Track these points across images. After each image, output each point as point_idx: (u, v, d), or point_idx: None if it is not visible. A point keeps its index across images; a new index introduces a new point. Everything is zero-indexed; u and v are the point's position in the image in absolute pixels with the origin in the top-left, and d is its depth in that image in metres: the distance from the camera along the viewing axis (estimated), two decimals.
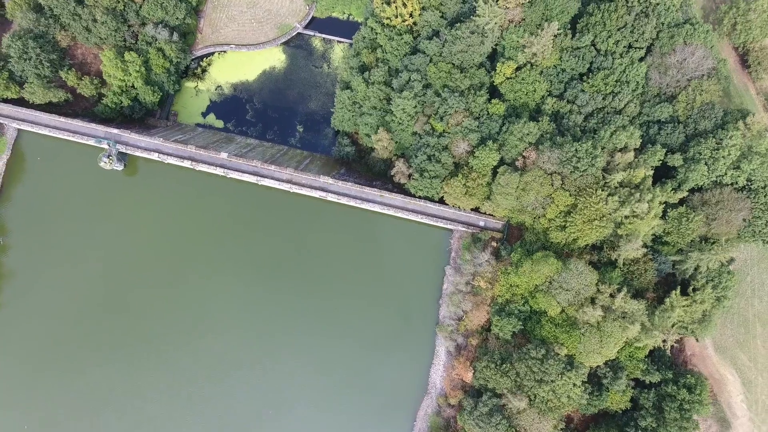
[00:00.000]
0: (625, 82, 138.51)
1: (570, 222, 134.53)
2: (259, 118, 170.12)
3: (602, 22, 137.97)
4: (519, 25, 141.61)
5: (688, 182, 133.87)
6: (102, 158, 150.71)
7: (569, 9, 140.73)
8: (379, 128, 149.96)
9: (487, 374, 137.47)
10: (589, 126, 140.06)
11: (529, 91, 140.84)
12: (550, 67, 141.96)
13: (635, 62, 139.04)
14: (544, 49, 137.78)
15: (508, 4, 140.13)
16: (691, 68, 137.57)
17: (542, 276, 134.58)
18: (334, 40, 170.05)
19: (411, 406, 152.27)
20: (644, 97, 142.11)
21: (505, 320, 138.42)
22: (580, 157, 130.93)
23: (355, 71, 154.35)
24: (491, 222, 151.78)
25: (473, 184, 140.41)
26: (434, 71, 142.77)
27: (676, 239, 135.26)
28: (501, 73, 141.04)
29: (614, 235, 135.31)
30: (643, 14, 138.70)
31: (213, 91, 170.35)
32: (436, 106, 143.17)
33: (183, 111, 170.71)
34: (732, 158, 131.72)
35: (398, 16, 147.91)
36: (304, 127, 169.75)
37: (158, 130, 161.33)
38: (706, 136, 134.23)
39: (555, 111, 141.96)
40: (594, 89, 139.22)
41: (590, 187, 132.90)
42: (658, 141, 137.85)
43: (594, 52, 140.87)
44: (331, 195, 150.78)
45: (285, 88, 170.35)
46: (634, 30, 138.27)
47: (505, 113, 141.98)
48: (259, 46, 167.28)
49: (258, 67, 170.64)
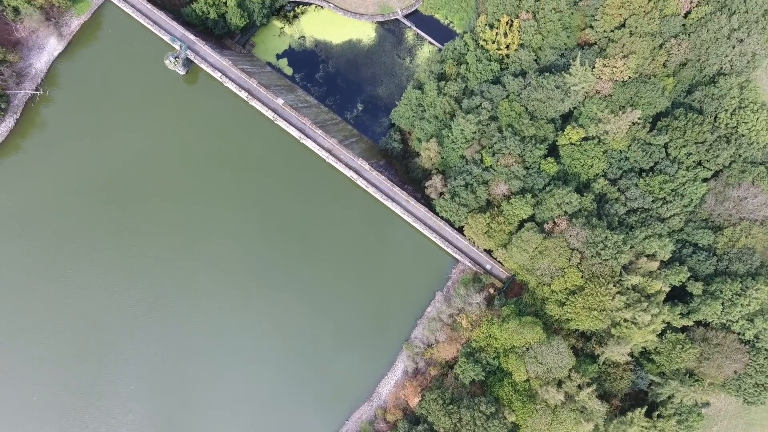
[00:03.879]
0: (681, 195, 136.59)
1: (571, 302, 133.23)
2: (327, 81, 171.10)
3: (683, 130, 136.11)
4: (604, 99, 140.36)
5: (698, 314, 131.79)
6: (169, 57, 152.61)
7: (657, 104, 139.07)
8: (432, 138, 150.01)
9: (432, 407, 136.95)
10: (628, 221, 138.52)
11: (586, 164, 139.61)
12: (615, 150, 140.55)
13: (698, 180, 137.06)
14: (618, 131, 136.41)
15: (603, 75, 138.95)
16: (748, 209, 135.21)
17: (523, 340, 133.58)
18: (426, 40, 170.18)
19: (349, 406, 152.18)
20: (692, 216, 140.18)
21: (470, 365, 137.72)
22: (607, 246, 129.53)
23: (433, 76, 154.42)
24: (497, 269, 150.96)
25: (496, 227, 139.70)
26: (506, 108, 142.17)
27: (663, 361, 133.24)
28: (567, 136, 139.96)
29: (607, 332, 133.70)
30: (725, 139, 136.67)
31: (296, 38, 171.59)
32: (494, 141, 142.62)
33: (260, 45, 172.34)
34: (750, 310, 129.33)
35: (495, 43, 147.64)
36: (364, 107, 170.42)
37: (231, 53, 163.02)
38: (734, 278, 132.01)
39: (602, 193, 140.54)
40: (648, 189, 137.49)
41: (604, 278, 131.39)
42: (687, 263, 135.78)
43: (663, 154, 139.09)
44: (362, 180, 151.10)
45: (362, 64, 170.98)
46: (710, 150, 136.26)
47: (554, 174, 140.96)
48: (356, 15, 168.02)
49: (346, 34, 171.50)
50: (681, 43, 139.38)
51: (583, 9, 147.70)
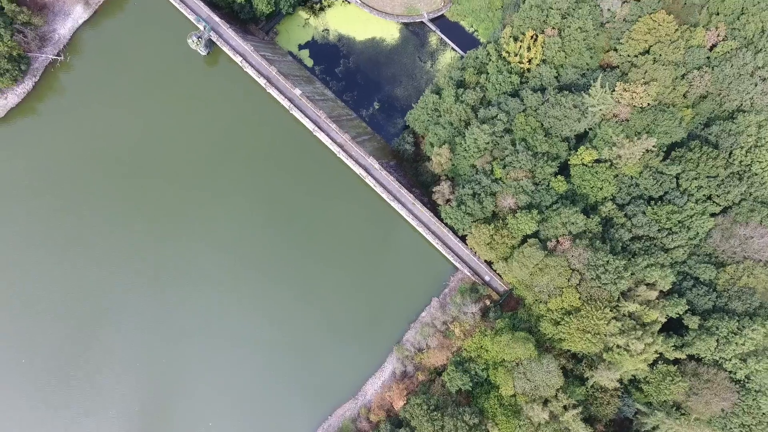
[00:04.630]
0: (687, 227, 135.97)
1: (566, 322, 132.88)
2: (346, 76, 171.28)
3: (697, 163, 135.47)
4: (620, 123, 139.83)
5: (692, 348, 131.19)
6: (192, 36, 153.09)
7: (674, 134, 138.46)
8: (444, 144, 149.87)
9: (416, 412, 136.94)
10: (632, 247, 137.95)
11: (595, 186, 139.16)
12: (626, 175, 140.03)
13: (706, 214, 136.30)
14: (631, 156, 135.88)
15: (622, 99, 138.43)
16: (754, 248, 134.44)
17: (514, 355, 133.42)
18: (449, 45, 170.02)
19: (333, 402, 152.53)
20: (696, 250, 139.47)
21: (458, 374, 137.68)
22: (608, 270, 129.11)
23: (453, 83, 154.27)
24: (496, 282, 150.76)
25: (499, 239, 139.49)
26: (522, 122, 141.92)
27: (651, 391, 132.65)
28: (580, 156, 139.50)
29: (598, 355, 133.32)
30: (737, 176, 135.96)
31: (319, 30, 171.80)
32: (506, 153, 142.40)
33: (284, 34, 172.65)
34: (744, 349, 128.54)
35: (518, 55, 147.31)
36: (381, 106, 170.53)
37: (254, 38, 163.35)
38: (732, 315, 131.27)
39: (609, 217, 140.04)
40: (655, 217, 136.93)
41: (601, 302, 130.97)
42: (687, 296, 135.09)
43: (674, 184, 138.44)
44: (370, 179, 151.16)
45: (383, 63, 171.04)
46: (721, 185, 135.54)
47: (563, 193, 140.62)
48: (382, 14, 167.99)
49: (370, 32, 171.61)
50: (704, 75, 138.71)
51: (609, 31, 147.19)
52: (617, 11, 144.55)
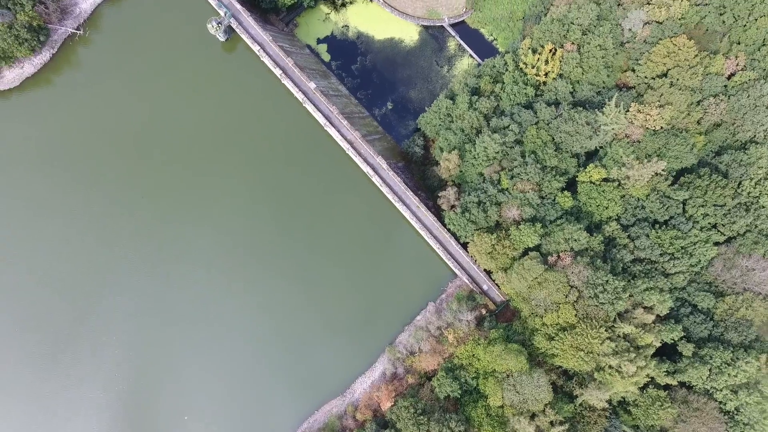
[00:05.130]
0: (690, 254, 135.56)
1: (560, 338, 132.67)
2: (362, 74, 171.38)
3: (705, 190, 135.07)
4: (631, 144, 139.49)
5: (684, 374, 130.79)
6: (212, 21, 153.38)
7: (684, 160, 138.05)
8: (454, 149, 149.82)
9: (403, 414, 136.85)
10: (632, 269, 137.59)
11: (601, 205, 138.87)
12: (633, 197, 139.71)
13: (710, 243, 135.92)
14: (640, 178, 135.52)
15: (636, 120, 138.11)
16: (754, 281, 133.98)
17: (505, 366, 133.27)
18: (467, 52, 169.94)
19: (321, 397, 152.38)
20: (696, 277, 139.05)
21: (448, 380, 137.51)
22: (606, 290, 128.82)
23: (468, 89, 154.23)
24: (493, 291, 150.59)
25: (501, 250, 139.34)
26: (533, 134, 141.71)
27: (640, 415, 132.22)
28: (588, 174, 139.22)
29: (589, 374, 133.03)
30: (744, 207, 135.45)
31: (339, 26, 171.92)
32: (514, 165, 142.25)
33: (303, 27, 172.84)
34: (736, 381, 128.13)
35: (535, 68, 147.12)
36: (394, 106, 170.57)
37: (273, 29, 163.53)
38: (727, 346, 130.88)
39: (612, 237, 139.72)
40: (658, 241, 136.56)
41: (597, 321, 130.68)
42: (683, 322, 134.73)
43: (680, 210, 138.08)
44: (377, 178, 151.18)
45: (400, 63, 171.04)
46: (728, 215, 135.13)
47: (568, 209, 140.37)
48: (403, 15, 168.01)
49: (389, 32, 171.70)
50: (719, 103, 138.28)
51: (629, 51, 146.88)
52: (638, 32, 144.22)
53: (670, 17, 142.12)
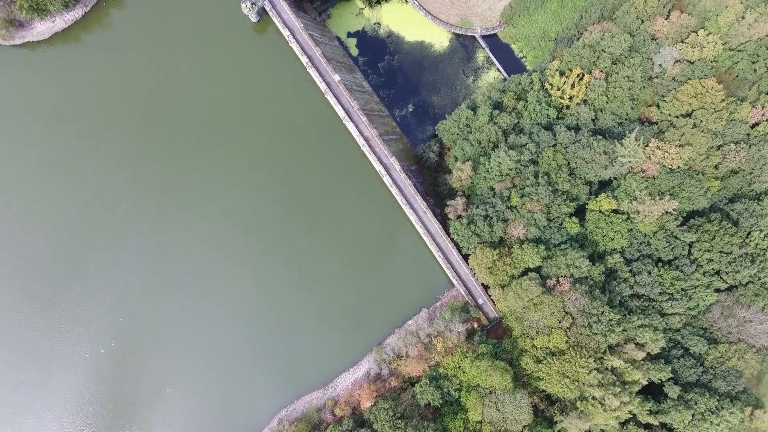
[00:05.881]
0: (689, 297, 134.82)
1: (548, 362, 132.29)
2: (387, 73, 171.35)
3: (713, 235, 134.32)
4: (646, 180, 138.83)
5: (666, 416, 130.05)
6: (247, 1, 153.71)
7: (696, 202, 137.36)
8: (469, 160, 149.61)
9: (381, 416, 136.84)
10: (629, 304, 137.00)
11: (607, 236, 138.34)
12: (640, 232, 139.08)
13: (711, 288, 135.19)
14: (650, 215, 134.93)
15: (653, 156, 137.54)
16: (750, 333, 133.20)
17: (489, 382, 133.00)
18: (494, 65, 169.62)
19: (303, 387, 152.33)
20: (692, 321, 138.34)
21: (431, 388, 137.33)
22: (600, 321, 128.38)
23: (490, 103, 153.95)
24: (488, 306, 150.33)
25: (501, 266, 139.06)
26: (549, 156, 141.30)
27: None
28: (599, 203, 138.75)
29: (572, 402, 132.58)
30: (750, 257, 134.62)
31: (371, 23, 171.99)
32: (526, 183, 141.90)
33: (336, 18, 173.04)
34: (717, 430, 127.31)
35: (560, 90, 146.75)
36: (415, 110, 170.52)
37: (306, 16, 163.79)
38: (713, 394, 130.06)
39: (614, 269, 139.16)
40: (659, 280, 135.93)
41: (587, 350, 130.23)
42: (673, 364, 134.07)
43: (686, 251, 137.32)
44: (388, 178, 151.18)
45: (426, 68, 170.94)
46: (732, 263, 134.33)
47: (573, 235, 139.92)
48: (436, 20, 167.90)
49: (420, 35, 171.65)
50: (740, 151, 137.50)
51: (656, 86, 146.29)
52: (668, 68, 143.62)
53: (702, 58, 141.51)
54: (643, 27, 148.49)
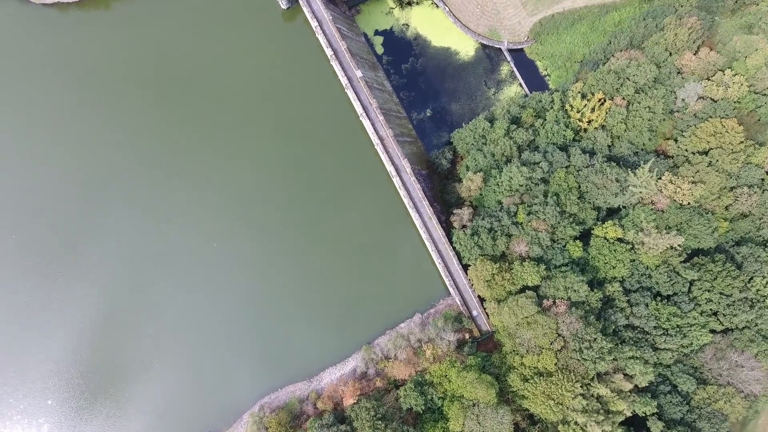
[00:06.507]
0: (683, 334, 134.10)
1: (534, 382, 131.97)
2: (410, 75, 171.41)
3: (715, 276, 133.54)
4: (654, 212, 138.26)
5: None
6: None
7: (702, 241, 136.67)
8: (480, 171, 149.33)
9: (362, 414, 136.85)
10: (623, 334, 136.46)
11: (609, 263, 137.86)
12: (642, 264, 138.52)
13: (706, 329, 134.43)
14: (654, 247, 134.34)
15: (665, 190, 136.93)
16: (740, 378, 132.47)
17: (474, 395, 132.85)
18: (518, 80, 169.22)
19: (288, 376, 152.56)
20: (684, 359, 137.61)
21: (415, 394, 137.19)
22: (592, 347, 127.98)
23: (508, 117, 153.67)
24: (482, 319, 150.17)
25: (500, 281, 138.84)
26: (561, 177, 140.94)
27: None
28: (604, 229, 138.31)
29: (554, 425, 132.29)
30: (750, 303, 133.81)
31: (400, 23, 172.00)
32: (535, 201, 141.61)
33: (365, 15, 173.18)
34: None
35: (579, 113, 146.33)
36: (432, 115, 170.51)
37: (336, 9, 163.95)
38: None
39: (611, 297, 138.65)
40: (655, 314, 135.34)
41: (575, 374, 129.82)
42: (659, 399, 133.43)
43: (686, 288, 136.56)
44: (398, 179, 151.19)
45: (449, 74, 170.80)
46: (731, 306, 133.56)
47: (575, 258, 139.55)
48: (465, 28, 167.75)
49: (447, 41, 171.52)
50: (752, 195, 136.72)
51: (676, 120, 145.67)
52: (691, 104, 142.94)
53: (726, 98, 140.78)
54: (671, 60, 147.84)
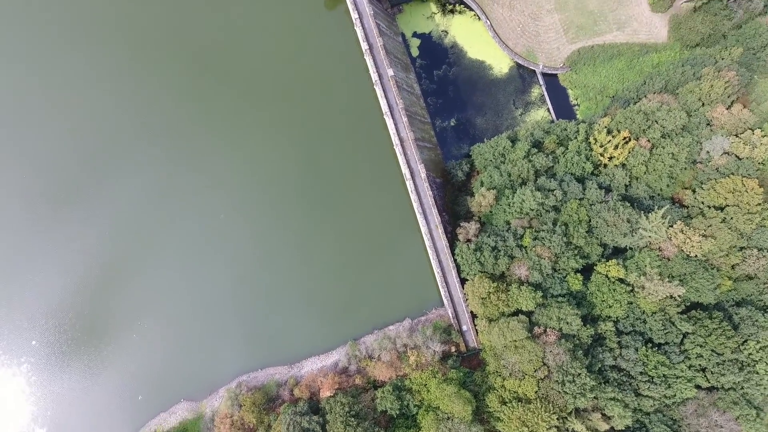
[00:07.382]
0: (668, 385, 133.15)
1: (511, 406, 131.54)
2: (440, 81, 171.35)
3: (709, 332, 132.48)
4: (660, 259, 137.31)
5: None
6: None
7: (703, 296, 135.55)
8: (493, 189, 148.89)
9: (336, 408, 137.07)
10: (608, 374, 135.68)
11: (607, 301, 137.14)
12: (639, 308, 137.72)
13: (692, 383, 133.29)
14: (654, 294, 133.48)
15: (675, 238, 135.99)
16: None
17: (450, 408, 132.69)
18: (546, 105, 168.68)
19: (270, 358, 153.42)
20: (665, 409, 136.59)
21: (392, 397, 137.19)
22: (574, 382, 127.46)
23: (531, 139, 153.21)
24: (470, 335, 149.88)
25: (495, 300, 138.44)
26: (572, 208, 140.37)
27: None
28: (607, 267, 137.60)
29: None
30: (739, 365, 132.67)
31: (439, 29, 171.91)
32: (543, 228, 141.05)
33: (406, 15, 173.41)
34: None
35: (603, 147, 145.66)
36: (456, 125, 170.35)
37: (378, 5, 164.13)
38: None
39: (603, 336, 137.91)
40: (644, 360, 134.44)
41: (553, 405, 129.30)
42: None
43: (678, 340, 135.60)
44: (411, 183, 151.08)
45: (479, 88, 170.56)
46: (721, 365, 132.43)
47: (573, 291, 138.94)
48: (503, 45, 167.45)
49: (483, 54, 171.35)
50: (760, 258, 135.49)
51: (697, 171, 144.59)
52: (715, 157, 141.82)
53: (751, 158, 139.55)
54: (702, 110, 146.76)
